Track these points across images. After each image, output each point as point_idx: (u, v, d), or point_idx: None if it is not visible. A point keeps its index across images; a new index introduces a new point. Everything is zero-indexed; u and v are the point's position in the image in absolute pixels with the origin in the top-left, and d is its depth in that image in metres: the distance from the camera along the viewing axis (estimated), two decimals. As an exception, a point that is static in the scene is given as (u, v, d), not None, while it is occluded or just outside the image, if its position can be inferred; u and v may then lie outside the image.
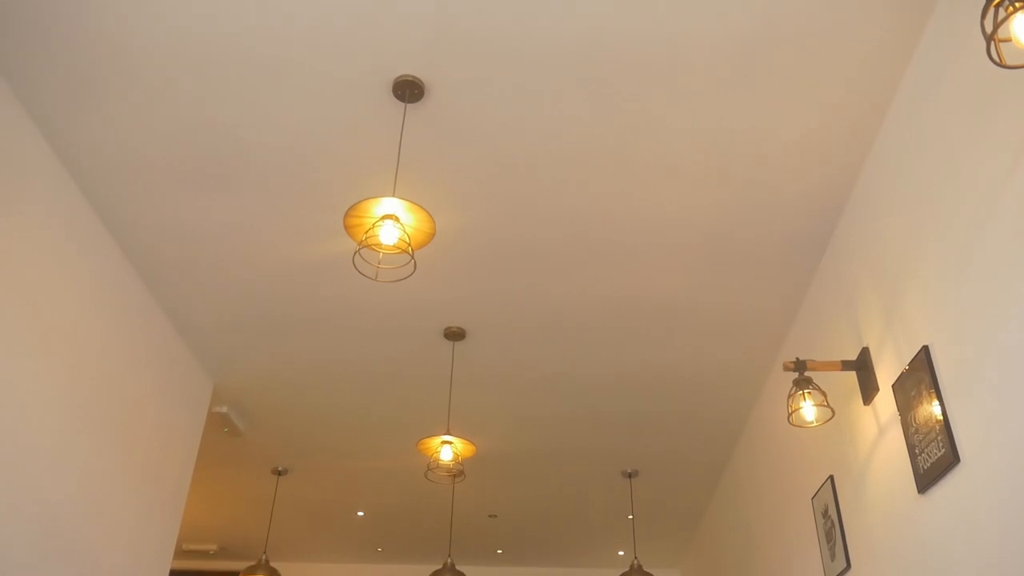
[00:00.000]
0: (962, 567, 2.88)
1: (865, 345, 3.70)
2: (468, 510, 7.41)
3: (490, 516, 7.74)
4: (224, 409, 5.84)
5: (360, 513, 7.82)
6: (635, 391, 5.48)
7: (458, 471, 4.89)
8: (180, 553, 8.81)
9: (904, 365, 3.28)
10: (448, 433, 4.71)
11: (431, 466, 4.66)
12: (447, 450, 4.60)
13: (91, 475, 4.16)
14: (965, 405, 2.87)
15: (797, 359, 3.72)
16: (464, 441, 4.67)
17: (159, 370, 4.83)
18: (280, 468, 6.87)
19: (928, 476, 3.09)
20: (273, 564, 7.13)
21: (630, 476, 6.73)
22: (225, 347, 5.13)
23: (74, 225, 3.94)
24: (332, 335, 4.95)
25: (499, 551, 8.71)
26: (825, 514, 4.24)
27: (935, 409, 3.02)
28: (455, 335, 4.85)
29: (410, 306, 4.65)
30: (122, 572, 4.46)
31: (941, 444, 2.99)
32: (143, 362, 4.64)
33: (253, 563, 6.76)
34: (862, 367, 3.70)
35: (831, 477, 4.16)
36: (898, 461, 3.37)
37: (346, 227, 3.01)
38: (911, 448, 3.23)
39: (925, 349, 3.11)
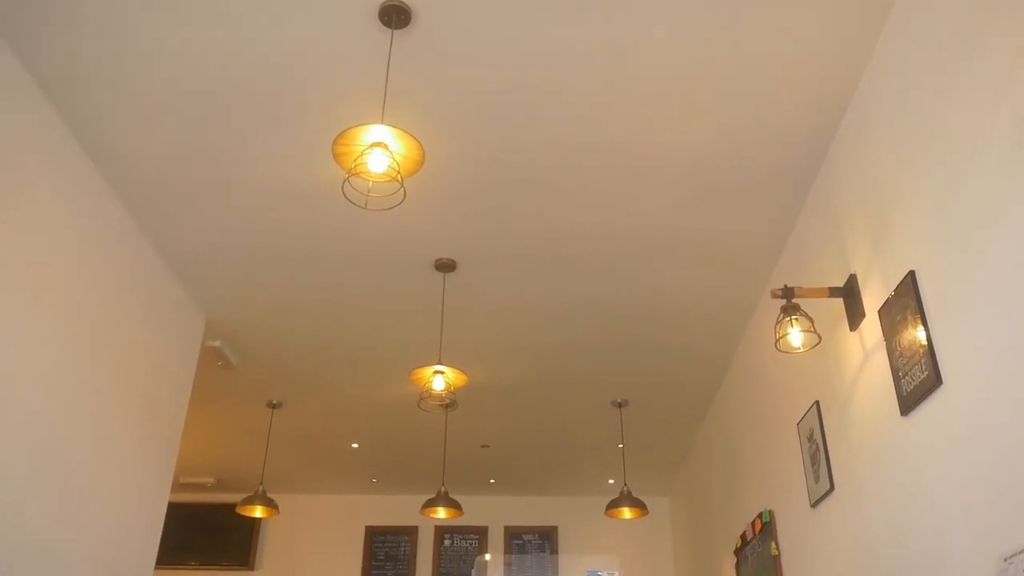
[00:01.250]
0: (942, 485, 2.96)
1: (852, 272, 3.73)
2: (461, 441, 7.52)
3: (482, 446, 7.86)
4: (217, 343, 5.87)
5: (354, 445, 7.93)
6: (626, 321, 5.52)
7: (450, 401, 4.96)
8: (178, 486, 8.91)
9: (890, 291, 3.32)
10: (440, 363, 4.75)
11: (424, 396, 4.72)
12: (439, 380, 4.66)
13: (86, 409, 4.20)
14: (949, 328, 2.91)
15: (785, 286, 3.75)
16: (456, 371, 4.72)
17: (150, 304, 4.83)
18: (274, 401, 6.93)
19: (911, 398, 3.15)
20: (270, 495, 7.25)
21: (620, 406, 6.82)
22: (216, 280, 5.13)
23: (59, 158, 3.90)
24: (323, 267, 4.95)
25: (492, 480, 8.86)
26: (810, 438, 4.33)
27: (920, 333, 3.07)
28: (446, 266, 4.86)
29: (401, 238, 4.65)
30: (121, 504, 4.54)
31: (924, 367, 3.04)
32: (134, 297, 4.64)
33: (250, 494, 6.88)
34: (849, 294, 3.74)
35: (816, 402, 4.24)
36: (882, 385, 3.44)
37: (334, 155, 2.99)
38: (895, 372, 3.29)
39: (911, 274, 3.15)
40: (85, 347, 4.18)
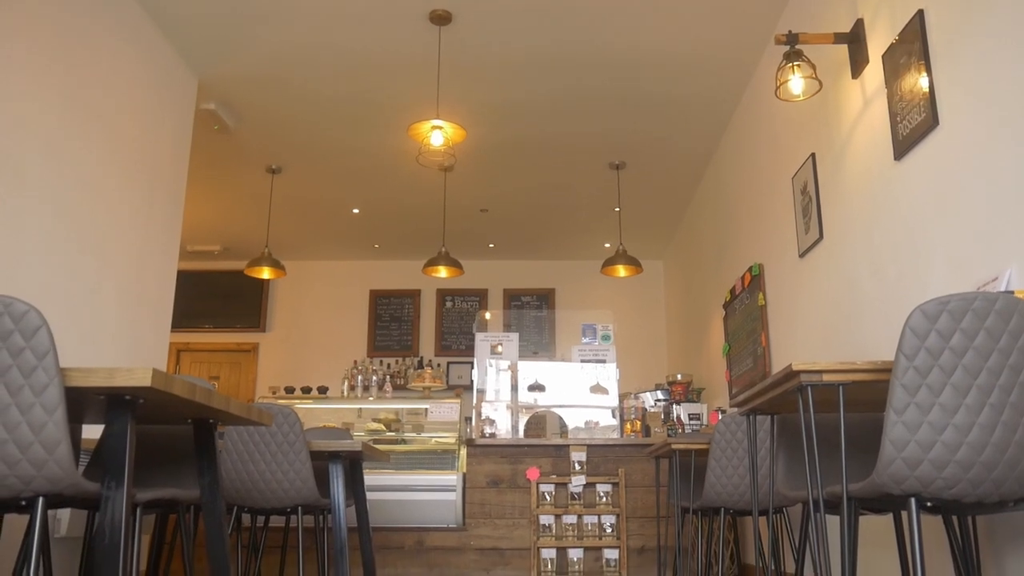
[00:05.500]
0: (927, 224, 3.07)
1: (860, 17, 3.64)
2: (460, 205, 7.62)
3: (481, 211, 7.98)
4: (212, 106, 5.80)
5: (355, 210, 8.05)
6: (625, 74, 5.41)
7: (449, 163, 4.97)
8: (185, 254, 9.11)
9: (896, 34, 3.26)
10: (437, 117, 4.72)
11: (422, 151, 4.73)
12: (437, 135, 4.65)
13: (89, 175, 4.23)
14: (952, 70, 2.90)
15: (789, 32, 3.66)
16: (454, 126, 4.70)
17: (140, 66, 4.73)
18: (274, 166, 6.96)
19: (906, 142, 3.19)
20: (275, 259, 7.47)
21: (617, 168, 6.85)
22: (207, 38, 4.98)
23: None
24: (314, 20, 4.79)
25: (491, 245, 9.08)
26: (803, 191, 4.41)
27: (922, 75, 3.05)
28: (441, 19, 4.69)
29: (393, -12, 4.46)
30: (131, 266, 4.67)
31: (923, 109, 3.05)
32: (123, 58, 4.54)
33: (256, 257, 7.07)
34: (854, 39, 3.66)
35: (812, 155, 4.27)
36: (879, 131, 3.46)
37: None
38: (893, 117, 3.30)
39: (920, 14, 3.08)
40: (80, 109, 4.15)
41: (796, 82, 3.62)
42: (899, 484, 1.90)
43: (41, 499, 1.94)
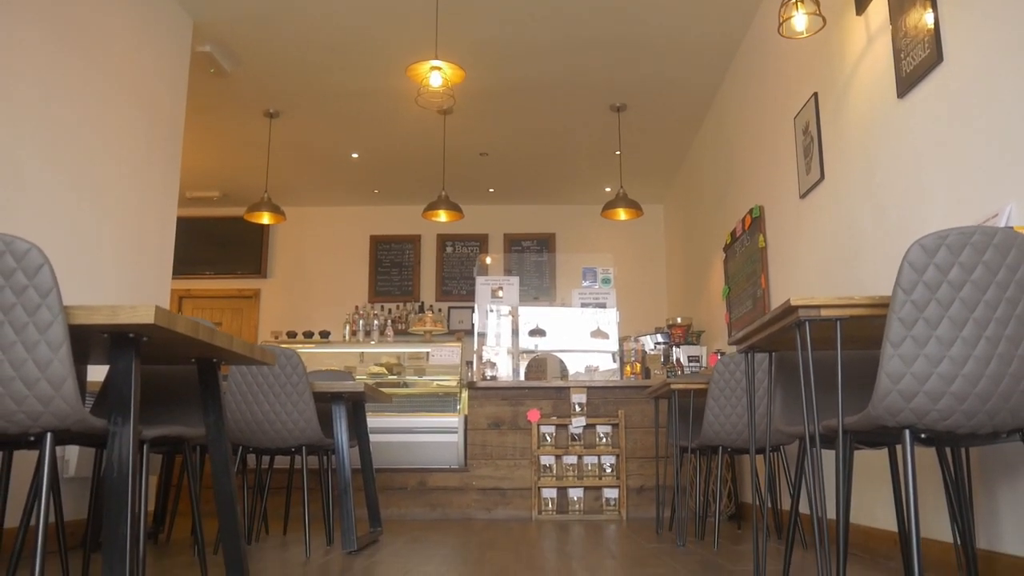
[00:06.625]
0: (928, 163, 3.06)
1: (866, -50, 3.57)
2: (460, 149, 7.57)
3: (481, 154, 7.92)
4: (207, 48, 5.72)
5: (354, 155, 8.00)
6: (627, 14, 5.32)
7: (448, 105, 4.92)
8: (185, 201, 9.11)
9: (902, -33, 3.20)
10: (436, 59, 4.66)
11: (421, 92, 4.68)
12: (436, 76, 4.60)
13: (83, 115, 4.20)
14: (957, 5, 2.86)
15: (793, -33, 3.60)
16: (453, 66, 4.64)
17: (133, 6, 4.65)
18: (272, 111, 6.89)
19: (909, 79, 3.16)
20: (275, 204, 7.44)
21: (618, 110, 6.78)
22: (198, -23, 4.90)
23: None
24: (309, -40, 4.70)
25: (491, 190, 9.04)
26: (805, 131, 4.37)
27: (927, 11, 3.01)
28: (439, -44, 4.61)
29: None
30: (131, 214, 4.66)
31: (927, 45, 3.01)
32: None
33: (256, 202, 7.05)
34: (859, -26, 3.60)
35: (815, 94, 4.23)
36: (882, 69, 3.42)
37: None
38: (897, 54, 3.27)
39: (926, -54, 3.02)
40: (72, 49, 4.09)
41: (799, 19, 3.57)
42: (894, 416, 1.93)
43: (49, 435, 1.97)
